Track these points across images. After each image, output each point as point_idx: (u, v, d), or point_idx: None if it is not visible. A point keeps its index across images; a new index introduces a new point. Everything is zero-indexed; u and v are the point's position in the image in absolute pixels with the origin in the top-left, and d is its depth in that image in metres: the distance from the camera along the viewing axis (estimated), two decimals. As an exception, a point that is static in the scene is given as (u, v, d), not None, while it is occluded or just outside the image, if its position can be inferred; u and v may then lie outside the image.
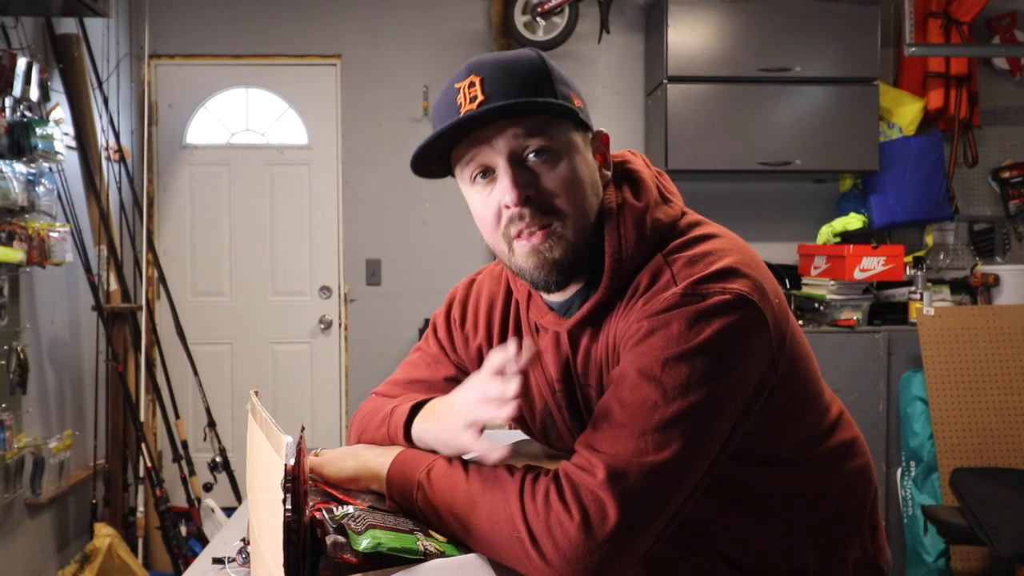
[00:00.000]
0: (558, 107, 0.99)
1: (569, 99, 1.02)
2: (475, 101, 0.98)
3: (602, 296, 1.04)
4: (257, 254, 4.09)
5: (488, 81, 0.99)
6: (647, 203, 1.05)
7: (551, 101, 0.99)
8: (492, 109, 0.97)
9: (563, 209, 1.01)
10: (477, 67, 1.01)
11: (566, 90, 1.03)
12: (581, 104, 1.05)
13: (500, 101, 0.97)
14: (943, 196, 3.78)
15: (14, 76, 2.69)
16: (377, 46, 4.03)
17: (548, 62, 1.03)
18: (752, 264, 1.01)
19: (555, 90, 1.01)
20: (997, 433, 3.20)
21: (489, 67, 1.00)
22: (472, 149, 1.01)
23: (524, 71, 1.00)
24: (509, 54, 1.02)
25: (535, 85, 0.99)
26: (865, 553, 1.16)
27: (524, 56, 1.02)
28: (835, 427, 1.14)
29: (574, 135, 1.03)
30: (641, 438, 0.91)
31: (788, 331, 1.03)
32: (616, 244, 1.03)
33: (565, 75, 1.05)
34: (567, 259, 1.02)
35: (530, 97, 0.98)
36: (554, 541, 0.89)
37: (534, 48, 1.05)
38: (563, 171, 1.01)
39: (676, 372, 0.92)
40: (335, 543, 0.87)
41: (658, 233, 1.04)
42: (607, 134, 1.09)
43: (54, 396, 3.20)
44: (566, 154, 1.01)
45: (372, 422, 1.19)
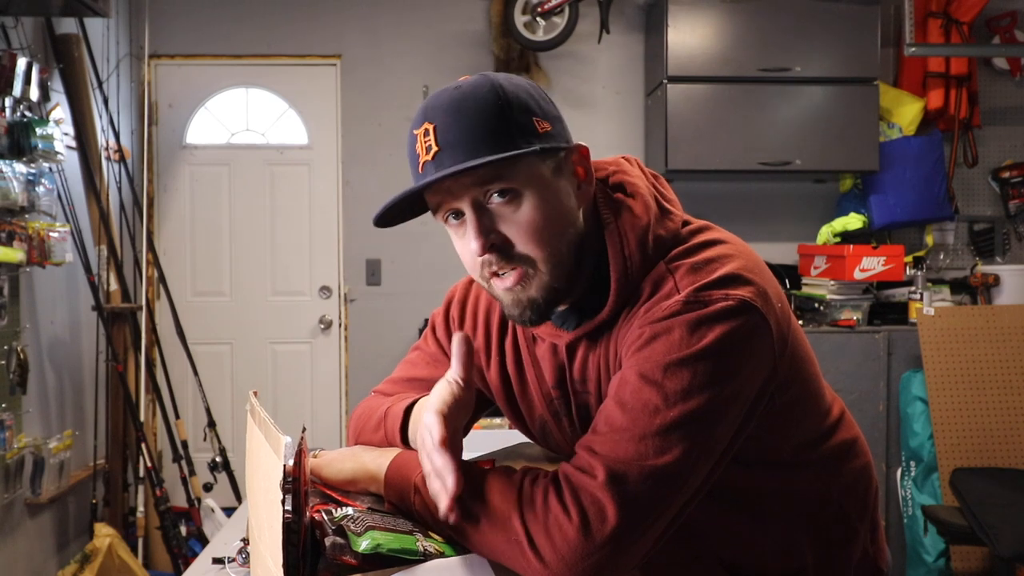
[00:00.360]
0: (507, 158, 0.95)
1: (531, 129, 0.97)
2: (431, 152, 0.97)
3: (607, 315, 1.03)
4: (257, 254, 4.09)
5: (440, 129, 0.96)
6: (648, 221, 1.03)
7: (498, 157, 0.94)
8: (430, 181, 0.95)
9: (531, 254, 0.99)
10: (431, 113, 0.98)
11: (526, 119, 0.97)
12: (548, 126, 0.99)
13: (453, 150, 0.95)
14: (943, 196, 3.78)
15: (14, 76, 2.69)
16: (377, 46, 4.03)
17: (504, 92, 0.97)
18: (755, 269, 1.00)
19: (512, 127, 0.96)
20: (997, 433, 3.20)
21: (442, 112, 0.97)
22: (438, 197, 1.00)
23: (477, 113, 0.95)
24: (464, 91, 0.98)
25: (489, 128, 0.95)
26: (865, 554, 1.16)
27: (478, 91, 0.97)
28: (836, 428, 1.13)
29: (538, 168, 0.98)
30: (642, 442, 0.91)
31: (790, 335, 1.02)
32: (622, 267, 1.01)
33: (528, 95, 0.99)
34: (542, 299, 1.01)
35: (484, 142, 0.95)
36: (552, 543, 0.89)
37: (489, 76, 1.00)
38: (528, 212, 0.98)
39: (678, 377, 0.92)
40: (334, 544, 0.87)
41: (661, 249, 1.03)
42: (585, 146, 1.04)
43: (54, 396, 3.20)
44: (529, 191, 0.98)
45: (368, 424, 1.19)
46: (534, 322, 1.04)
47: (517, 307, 1.02)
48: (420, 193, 1.00)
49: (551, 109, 1.02)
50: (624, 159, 1.12)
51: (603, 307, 1.03)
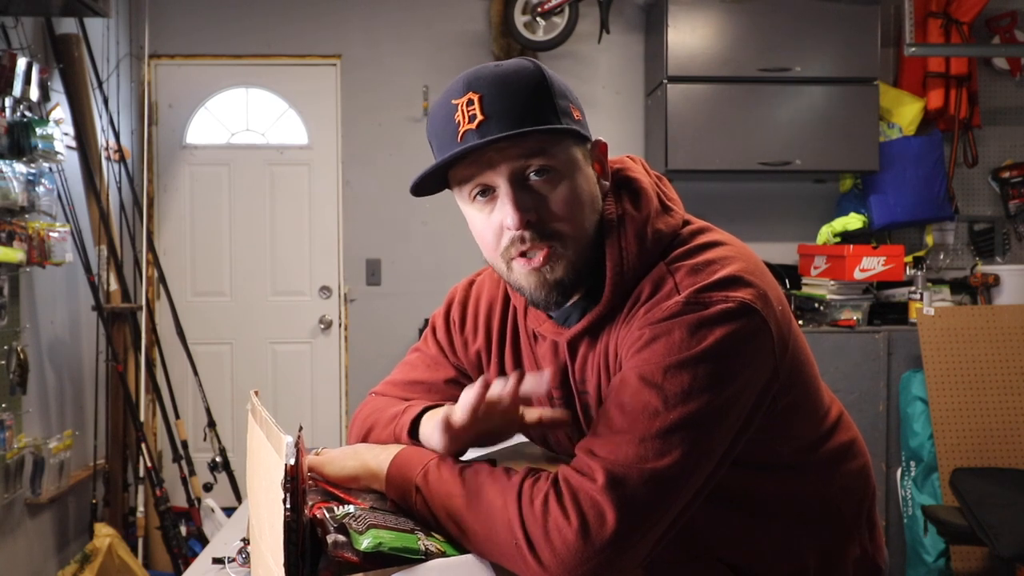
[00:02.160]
0: (559, 130, 0.98)
1: (569, 113, 1.00)
2: (475, 121, 0.96)
3: (603, 309, 1.03)
4: (257, 254, 4.09)
5: (487, 99, 0.97)
6: (648, 214, 1.04)
7: (552, 127, 0.97)
8: (493, 140, 0.95)
9: (564, 231, 1.00)
10: (475, 83, 0.98)
11: (565, 104, 1.00)
12: (580, 115, 1.03)
13: (499, 120, 0.96)
14: (943, 196, 3.78)
15: (14, 76, 2.69)
16: (377, 46, 4.03)
17: (547, 75, 1.00)
18: (756, 272, 1.00)
19: (555, 106, 0.98)
20: (997, 433, 3.20)
21: (487, 83, 0.98)
22: (472, 169, 1.00)
23: (524, 88, 0.97)
24: (507, 67, 0.99)
25: (535, 104, 0.97)
26: (864, 553, 1.16)
27: (523, 70, 0.99)
28: (835, 429, 1.13)
29: (575, 151, 1.01)
30: (642, 444, 0.91)
31: (791, 338, 1.02)
32: (617, 257, 1.02)
33: (564, 85, 1.02)
34: (567, 279, 1.02)
35: (530, 116, 0.96)
36: (552, 546, 0.89)
37: (531, 59, 1.02)
38: (565, 192, 1.00)
39: (678, 379, 0.92)
40: (336, 542, 0.87)
41: (659, 244, 1.03)
42: (605, 143, 1.07)
43: (54, 396, 3.20)
44: (568, 173, 1.00)
45: (381, 419, 1.18)
46: (559, 304, 1.05)
47: (543, 288, 1.02)
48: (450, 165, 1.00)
49: (578, 101, 1.06)
50: (629, 158, 1.13)
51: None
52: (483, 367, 1.21)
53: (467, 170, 1.00)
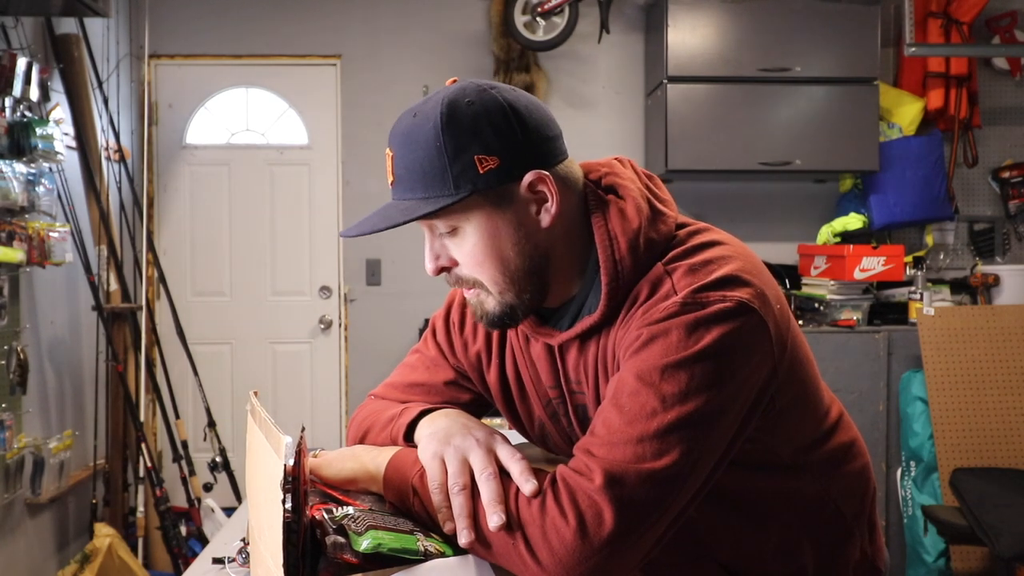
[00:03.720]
0: (429, 214, 0.98)
1: (467, 170, 0.97)
2: (390, 176, 1.03)
3: (599, 319, 1.03)
4: (257, 254, 4.09)
5: (396, 159, 1.01)
6: (639, 224, 1.02)
7: (414, 217, 0.98)
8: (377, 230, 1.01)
9: (478, 277, 1.03)
10: (391, 139, 1.02)
11: (465, 159, 0.97)
12: (492, 163, 0.97)
13: (401, 186, 1.01)
14: (943, 196, 3.78)
15: (14, 76, 2.69)
16: (377, 46, 4.03)
17: (445, 131, 0.96)
18: (754, 271, 1.00)
19: (444, 172, 0.97)
20: (997, 433, 3.20)
21: (398, 141, 1.01)
22: None
23: (416, 153, 0.98)
24: (414, 124, 0.99)
25: (424, 172, 0.98)
26: (864, 555, 1.16)
27: (422, 130, 0.98)
28: (834, 430, 1.13)
29: (477, 203, 0.99)
30: (639, 444, 0.90)
31: (789, 337, 1.02)
32: (613, 271, 1.01)
33: (472, 132, 0.97)
34: (500, 312, 1.05)
35: (426, 184, 0.98)
36: (550, 546, 0.88)
37: (442, 101, 0.98)
38: (468, 244, 1.01)
39: (675, 379, 0.91)
40: (335, 543, 0.87)
41: (654, 250, 1.02)
42: (541, 173, 1.00)
43: (54, 396, 3.20)
44: (470, 226, 1.01)
45: (378, 421, 1.17)
46: (498, 328, 1.09)
47: (478, 313, 1.07)
48: None
49: (508, 133, 0.99)
50: (617, 160, 1.11)
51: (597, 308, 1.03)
52: (483, 368, 1.21)
53: None
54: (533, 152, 1.00)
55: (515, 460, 0.96)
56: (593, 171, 1.09)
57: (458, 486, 0.95)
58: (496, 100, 0.99)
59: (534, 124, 1.00)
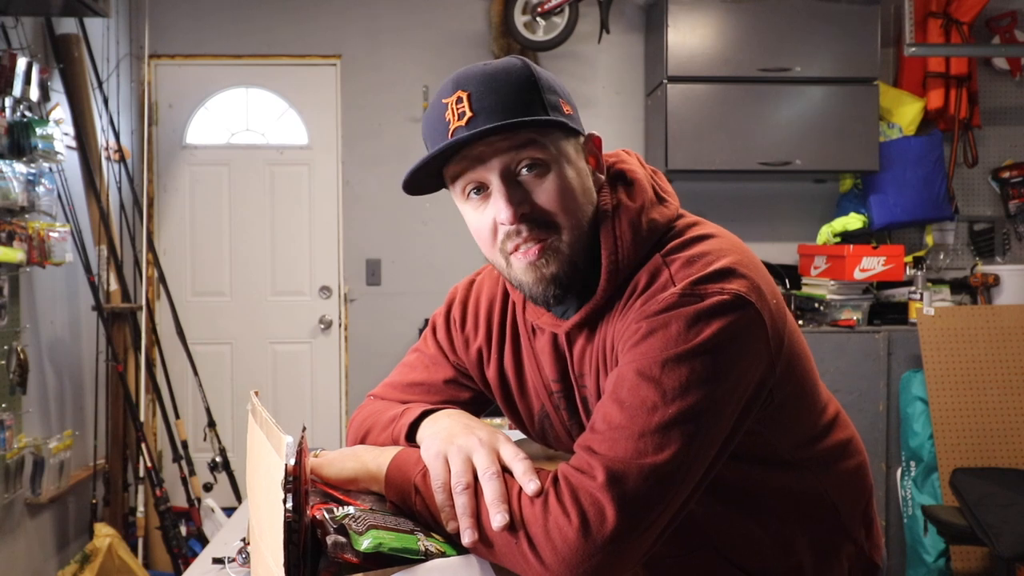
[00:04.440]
0: (548, 122, 0.98)
1: (558, 107, 1.01)
2: (463, 117, 0.98)
3: (600, 300, 1.04)
4: (257, 254, 4.09)
5: (475, 96, 0.98)
6: (642, 204, 1.04)
7: (540, 119, 0.98)
8: (481, 131, 0.96)
9: (558, 222, 1.01)
10: (463, 81, 0.99)
11: (555, 98, 1.01)
12: (571, 110, 1.04)
13: (488, 116, 0.97)
14: (943, 196, 3.78)
15: (14, 76, 2.69)
16: (377, 46, 4.03)
17: (535, 70, 1.01)
18: (750, 264, 1.01)
19: (544, 100, 0.99)
20: (997, 433, 3.21)
21: (476, 81, 0.99)
22: (464, 165, 1.01)
23: (512, 84, 0.99)
24: (495, 65, 1.00)
25: (523, 99, 0.98)
26: (861, 550, 1.17)
27: (511, 67, 1.00)
28: (832, 427, 1.14)
29: (565, 144, 1.02)
30: (640, 439, 0.91)
31: (786, 331, 1.03)
32: (612, 247, 1.02)
33: (553, 80, 1.03)
34: (564, 273, 1.02)
35: (518, 110, 0.98)
36: (552, 545, 0.89)
37: (519, 56, 1.03)
38: (555, 183, 1.01)
39: (675, 373, 0.92)
40: (336, 543, 0.87)
41: (654, 234, 1.04)
42: (599, 137, 1.08)
43: (54, 396, 3.20)
44: (557, 165, 1.01)
45: (379, 422, 1.17)
46: (559, 299, 1.05)
47: (541, 283, 1.03)
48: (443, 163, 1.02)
49: (572, 100, 1.06)
50: (624, 152, 1.14)
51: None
52: (484, 365, 1.22)
53: (459, 166, 1.02)
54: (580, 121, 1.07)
55: (518, 460, 0.96)
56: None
57: (461, 485, 0.95)
58: (547, 72, 1.05)
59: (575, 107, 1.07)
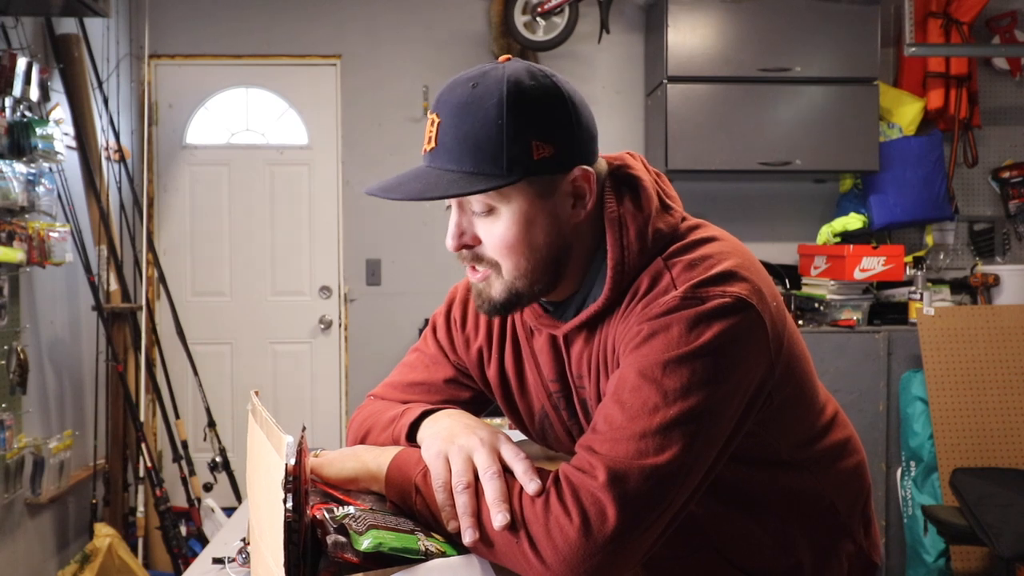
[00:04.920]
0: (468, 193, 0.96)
1: (524, 156, 0.96)
2: (431, 142, 0.99)
3: (602, 306, 1.04)
4: (257, 254, 4.09)
5: (443, 126, 0.98)
6: (649, 213, 1.04)
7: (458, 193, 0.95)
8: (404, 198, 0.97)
9: (499, 261, 1.02)
10: (441, 103, 0.99)
11: (522, 144, 0.96)
12: (547, 151, 0.97)
13: (446, 154, 0.97)
14: (943, 196, 3.78)
15: (14, 76, 2.69)
16: (377, 46, 4.03)
17: (509, 112, 0.95)
18: (751, 267, 1.01)
19: (501, 153, 0.95)
20: (997, 433, 3.21)
21: (448, 109, 0.98)
22: None
23: (477, 125, 0.95)
24: (474, 96, 0.96)
25: (481, 149, 0.95)
26: (860, 549, 1.17)
27: (484, 104, 0.96)
28: (830, 427, 1.14)
29: (521, 190, 0.98)
30: (642, 440, 0.91)
31: (786, 333, 1.03)
32: (619, 256, 1.02)
33: (532, 115, 0.96)
34: (503, 300, 1.04)
35: (474, 160, 0.95)
36: (553, 544, 0.89)
37: (507, 80, 0.96)
38: (501, 228, 1.00)
39: (677, 374, 0.92)
40: (336, 543, 0.87)
41: (660, 242, 1.04)
42: (587, 170, 1.02)
43: (54, 396, 3.20)
44: (508, 209, 0.99)
45: (379, 422, 1.17)
46: (492, 315, 1.08)
47: (478, 299, 1.07)
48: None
49: (566, 123, 0.99)
50: (629, 155, 1.13)
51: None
52: (484, 364, 1.22)
53: None
54: (582, 147, 1.02)
55: (519, 459, 0.96)
56: (609, 162, 1.11)
57: (462, 485, 0.95)
58: (558, 88, 1.00)
59: (586, 120, 1.02)
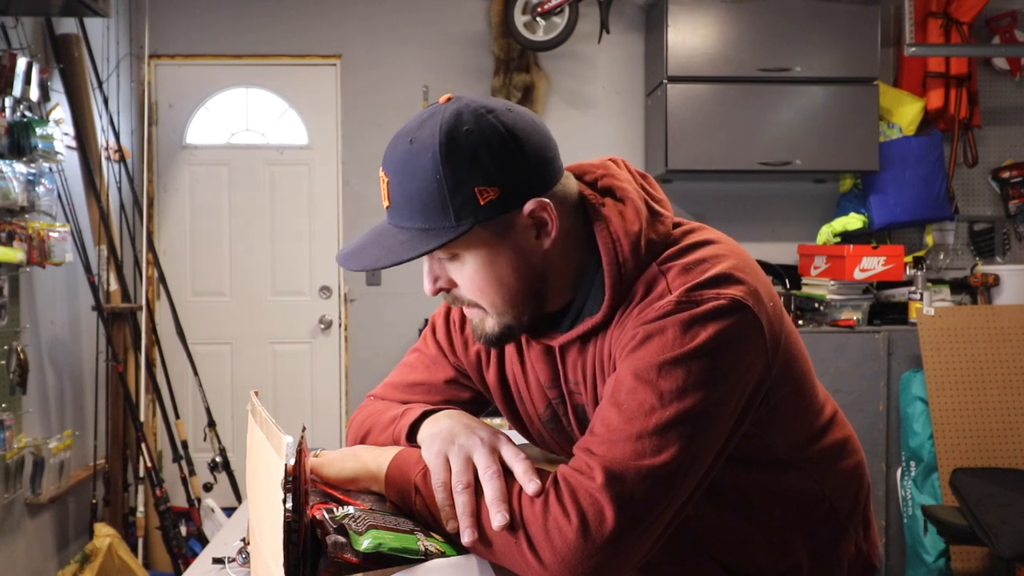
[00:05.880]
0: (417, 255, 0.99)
1: (468, 202, 0.96)
2: (386, 200, 1.02)
3: (600, 320, 1.04)
4: (257, 254, 4.09)
5: (392, 185, 1.00)
6: (639, 227, 1.03)
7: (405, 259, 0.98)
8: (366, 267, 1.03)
9: (477, 301, 1.04)
10: (386, 163, 1.00)
11: (466, 192, 0.95)
12: (493, 194, 0.96)
13: (399, 213, 1.00)
14: (943, 196, 3.78)
15: (14, 76, 2.69)
16: (377, 46, 4.03)
17: (445, 163, 0.95)
18: (747, 269, 1.01)
19: (445, 204, 0.96)
20: (997, 433, 3.21)
21: (393, 167, 0.99)
22: None
23: (417, 184, 0.96)
24: (411, 151, 0.97)
25: (423, 202, 0.97)
26: (859, 551, 1.17)
27: (420, 160, 0.96)
28: (829, 427, 1.14)
29: (477, 234, 0.98)
30: (639, 441, 0.91)
31: (783, 334, 1.03)
32: (616, 273, 1.02)
33: (472, 162, 0.95)
34: (497, 333, 1.06)
35: (419, 214, 0.97)
36: (552, 545, 0.89)
37: (440, 131, 0.96)
38: (468, 271, 1.02)
39: (672, 376, 0.92)
40: (336, 543, 0.87)
41: (653, 250, 1.03)
42: (543, 201, 0.99)
43: (54, 396, 3.20)
44: (470, 254, 1.01)
45: (379, 422, 1.17)
46: (490, 347, 1.12)
47: (476, 332, 1.09)
48: None
49: (508, 162, 0.97)
50: (611, 161, 1.11)
51: (598, 309, 1.04)
52: (483, 368, 1.22)
53: None
54: (533, 178, 0.99)
55: (518, 460, 0.96)
56: (588, 173, 1.08)
57: (461, 484, 0.95)
58: (495, 127, 0.96)
59: (533, 149, 0.99)
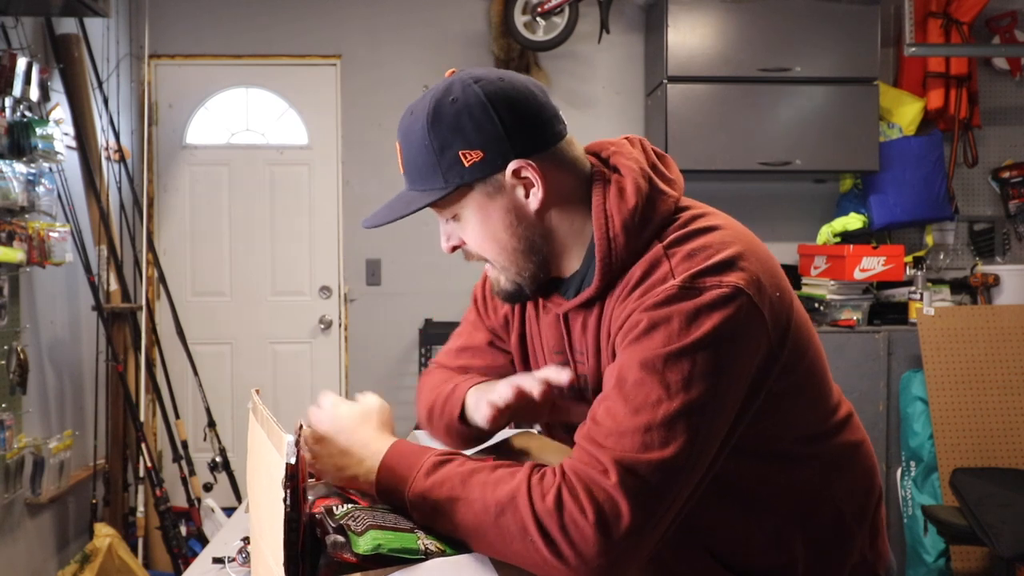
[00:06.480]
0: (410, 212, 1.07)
1: (455, 165, 1.04)
2: (401, 168, 1.11)
3: (594, 292, 1.08)
4: (257, 254, 4.09)
5: (402, 154, 1.10)
6: (636, 202, 1.05)
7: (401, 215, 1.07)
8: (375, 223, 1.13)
9: (488, 256, 1.12)
10: (398, 133, 1.11)
11: (451, 156, 1.04)
12: (477, 156, 1.04)
13: (407, 176, 1.11)
14: (943, 196, 3.78)
15: (14, 76, 2.69)
16: (377, 46, 4.03)
17: (433, 131, 1.04)
18: (752, 255, 1.02)
19: (437, 166, 1.05)
20: (997, 433, 3.20)
21: (400, 138, 1.10)
22: None
23: (413, 149, 1.07)
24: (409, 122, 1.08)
25: (419, 168, 1.07)
26: (863, 558, 1.16)
27: (414, 127, 1.07)
28: (841, 427, 1.14)
29: (473, 192, 1.07)
30: (647, 434, 0.92)
31: (792, 322, 1.04)
32: (606, 248, 1.05)
33: (456, 128, 1.04)
34: (512, 289, 1.14)
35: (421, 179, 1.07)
36: (570, 541, 0.90)
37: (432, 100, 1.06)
38: (468, 230, 1.11)
39: (678, 367, 0.93)
40: (335, 543, 0.87)
41: (649, 227, 1.05)
42: (522, 163, 1.05)
43: (54, 396, 3.20)
44: (466, 214, 1.09)
45: (438, 399, 1.25)
46: (510, 302, 1.20)
47: (495, 288, 1.16)
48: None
49: (491, 127, 1.04)
50: (627, 139, 1.15)
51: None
52: (508, 331, 1.29)
53: None
54: (517, 141, 1.05)
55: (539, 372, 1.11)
56: (603, 149, 1.13)
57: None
58: (477, 96, 1.04)
59: (519, 114, 1.05)
